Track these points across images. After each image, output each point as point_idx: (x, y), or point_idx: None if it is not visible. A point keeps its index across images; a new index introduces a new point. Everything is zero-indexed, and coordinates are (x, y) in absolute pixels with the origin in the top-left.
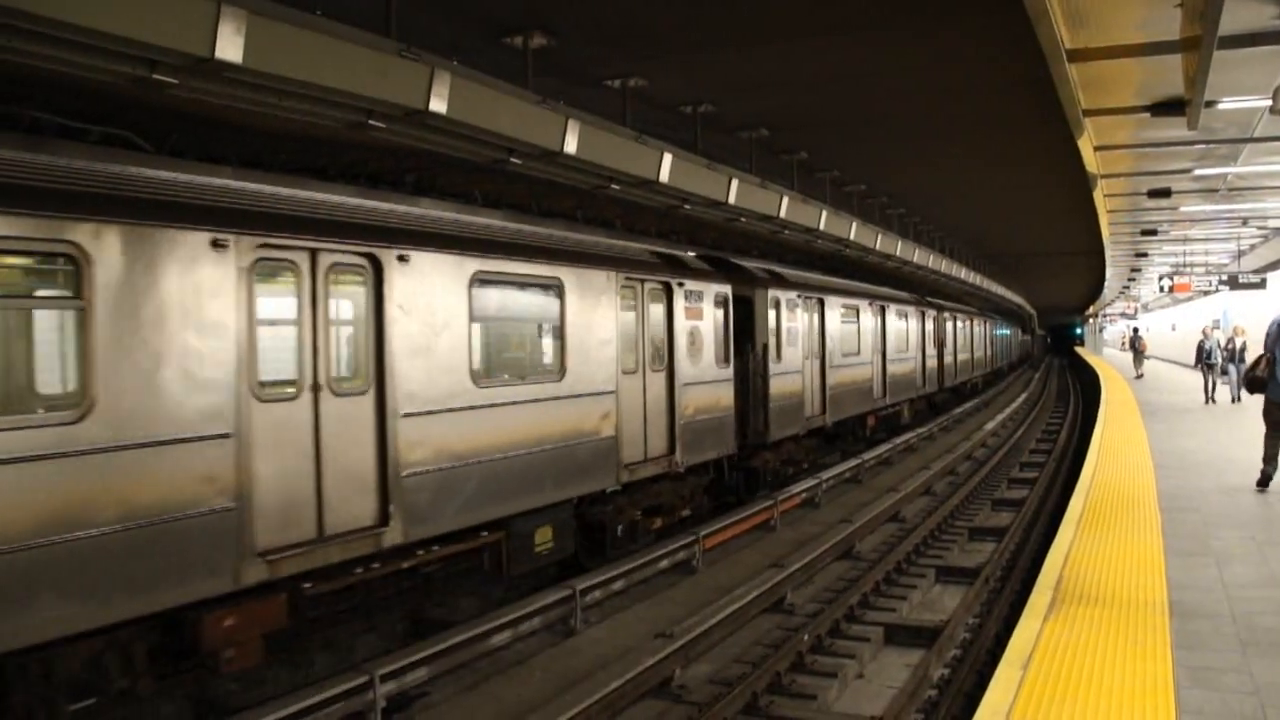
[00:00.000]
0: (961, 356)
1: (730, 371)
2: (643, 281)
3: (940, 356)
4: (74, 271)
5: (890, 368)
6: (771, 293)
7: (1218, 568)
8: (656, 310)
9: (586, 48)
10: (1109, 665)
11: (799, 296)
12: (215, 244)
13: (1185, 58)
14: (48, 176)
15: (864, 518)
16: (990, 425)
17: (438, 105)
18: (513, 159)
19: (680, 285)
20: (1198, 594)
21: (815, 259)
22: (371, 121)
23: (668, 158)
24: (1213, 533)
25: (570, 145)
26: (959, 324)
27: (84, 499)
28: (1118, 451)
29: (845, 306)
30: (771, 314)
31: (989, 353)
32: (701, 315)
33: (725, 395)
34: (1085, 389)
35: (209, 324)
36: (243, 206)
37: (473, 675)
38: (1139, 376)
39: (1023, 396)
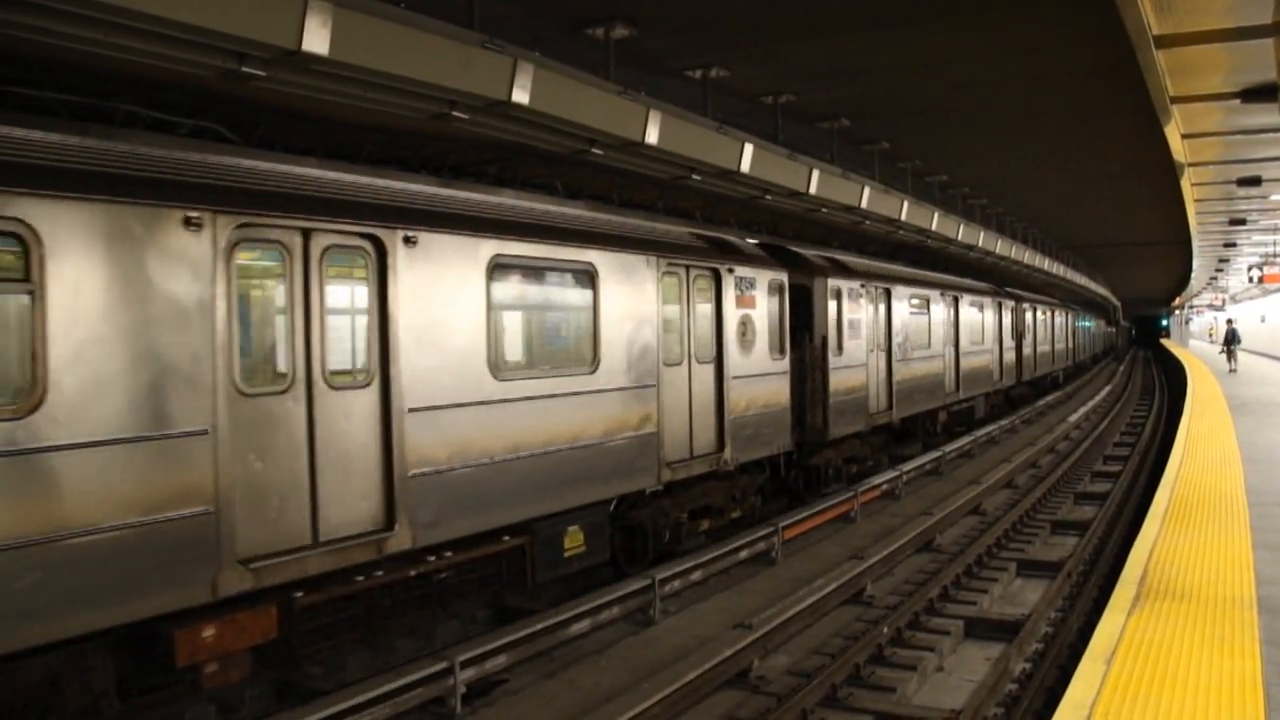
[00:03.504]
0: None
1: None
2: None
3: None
4: None
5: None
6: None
7: None
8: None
9: (667, 38)
10: (1195, 661)
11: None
12: None
13: (1277, 42)
14: None
15: (944, 510)
16: (1073, 418)
17: (520, 96)
18: (594, 149)
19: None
20: None
21: (896, 249)
22: (455, 113)
23: (749, 148)
24: None
25: (652, 136)
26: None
27: None
28: (1204, 445)
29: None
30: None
31: (1028, 354)
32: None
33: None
34: (1171, 383)
35: None
36: None
37: (552, 663)
38: (1232, 371)
39: (1106, 389)
